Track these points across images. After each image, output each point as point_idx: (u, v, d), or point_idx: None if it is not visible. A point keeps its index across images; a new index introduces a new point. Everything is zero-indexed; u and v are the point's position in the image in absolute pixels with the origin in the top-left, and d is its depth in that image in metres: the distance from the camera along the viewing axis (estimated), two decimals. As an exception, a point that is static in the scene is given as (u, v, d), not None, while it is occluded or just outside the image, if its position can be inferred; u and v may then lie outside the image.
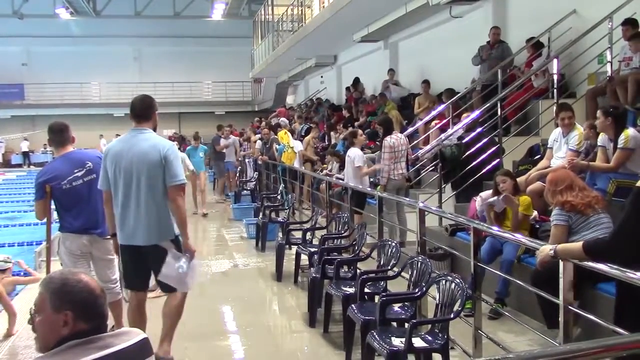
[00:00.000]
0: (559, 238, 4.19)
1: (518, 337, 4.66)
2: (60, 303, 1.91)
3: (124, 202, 4.21)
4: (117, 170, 4.20)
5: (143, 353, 2.03)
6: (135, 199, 4.18)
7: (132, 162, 4.17)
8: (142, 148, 4.20)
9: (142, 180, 4.17)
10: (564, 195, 4.34)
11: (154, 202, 4.19)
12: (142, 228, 4.19)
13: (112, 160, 4.24)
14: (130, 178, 4.18)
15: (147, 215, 4.18)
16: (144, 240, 4.21)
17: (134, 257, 4.29)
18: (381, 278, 4.95)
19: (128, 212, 4.20)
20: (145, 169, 4.17)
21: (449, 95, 9.66)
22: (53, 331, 1.91)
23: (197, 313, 6.00)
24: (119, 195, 4.22)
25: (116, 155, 4.24)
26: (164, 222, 4.24)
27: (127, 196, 4.20)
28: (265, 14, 21.59)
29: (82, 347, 1.88)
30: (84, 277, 1.98)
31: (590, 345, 1.95)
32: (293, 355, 5.06)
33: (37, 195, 4.59)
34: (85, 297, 1.93)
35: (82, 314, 1.92)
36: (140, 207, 4.18)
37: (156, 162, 4.17)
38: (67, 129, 4.69)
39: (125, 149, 4.23)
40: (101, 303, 1.97)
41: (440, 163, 7.64)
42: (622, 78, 6.77)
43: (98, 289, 1.98)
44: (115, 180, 4.22)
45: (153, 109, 4.37)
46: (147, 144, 4.21)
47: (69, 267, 4.51)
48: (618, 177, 5.17)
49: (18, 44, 31.10)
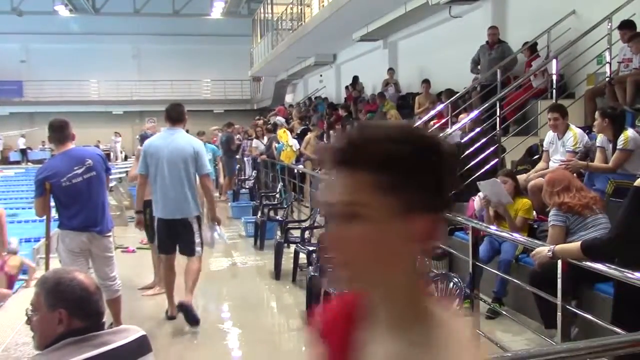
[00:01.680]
0: (556, 239, 4.19)
1: (516, 337, 4.67)
2: (54, 302, 1.93)
3: (165, 185, 5.20)
4: (159, 161, 5.21)
5: (141, 350, 2.03)
6: (174, 183, 5.20)
7: (172, 155, 5.21)
8: (179, 144, 5.27)
9: (180, 169, 5.22)
10: (561, 196, 4.35)
11: (189, 186, 5.26)
12: (179, 205, 5.24)
13: (153, 152, 5.25)
14: (170, 167, 5.19)
15: (183, 196, 5.24)
16: (180, 214, 5.26)
17: (168, 228, 5.31)
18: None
19: (168, 193, 5.21)
20: (182, 161, 5.22)
21: (448, 95, 9.66)
22: (49, 329, 1.93)
23: (195, 311, 6.00)
24: (159, 180, 5.22)
25: (157, 148, 5.26)
26: (193, 202, 5.31)
27: (168, 181, 5.19)
28: (265, 13, 21.58)
29: (79, 345, 1.89)
30: (78, 275, 1.99)
31: (587, 345, 1.96)
32: (291, 354, 5.07)
33: (37, 192, 4.59)
34: (80, 295, 1.94)
35: (77, 312, 1.93)
36: (177, 190, 5.21)
37: (190, 155, 5.25)
38: (67, 126, 4.69)
39: (165, 144, 5.26)
40: (96, 300, 1.98)
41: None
42: (621, 79, 6.78)
43: (93, 286, 1.99)
44: (157, 168, 5.22)
45: (184, 114, 5.46)
46: (182, 141, 5.31)
47: (68, 264, 4.51)
48: (617, 178, 5.17)
49: (17, 40, 31.03)
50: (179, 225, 5.29)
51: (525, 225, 5.39)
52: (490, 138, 7.59)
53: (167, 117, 5.40)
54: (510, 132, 7.97)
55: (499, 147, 7.50)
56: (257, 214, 9.86)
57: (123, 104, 31.95)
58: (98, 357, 1.89)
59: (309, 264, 6.24)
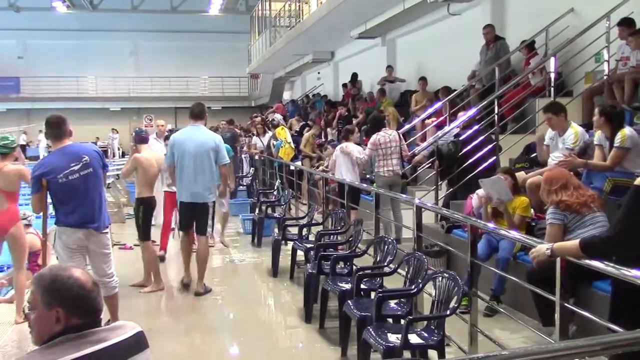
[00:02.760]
0: (554, 237, 4.19)
1: (514, 334, 4.68)
2: (51, 300, 1.91)
3: (190, 173, 6.13)
4: (185, 153, 6.12)
5: (138, 346, 2.02)
6: (197, 172, 6.13)
7: (197, 147, 6.13)
8: (202, 138, 6.24)
9: (204, 160, 6.16)
10: (559, 194, 4.35)
11: (210, 175, 6.24)
12: (201, 191, 6.19)
13: (179, 145, 6.18)
14: (195, 158, 6.12)
15: (205, 184, 6.21)
16: (202, 199, 6.24)
17: (190, 211, 6.29)
18: (377, 274, 4.96)
19: (195, 180, 6.14)
20: (205, 152, 6.16)
21: (446, 92, 9.66)
22: (46, 327, 1.91)
23: (192, 308, 6.01)
24: (185, 169, 6.12)
25: (183, 142, 6.20)
26: (212, 188, 6.33)
27: (192, 170, 6.12)
28: (263, 10, 21.53)
29: (76, 342, 1.88)
30: (74, 272, 1.96)
31: (585, 343, 1.96)
32: (288, 351, 5.08)
33: (34, 188, 4.57)
34: (76, 293, 1.92)
35: (74, 310, 1.91)
36: (200, 178, 6.15)
37: (212, 148, 6.23)
38: (64, 122, 4.67)
39: (189, 138, 6.21)
40: (94, 297, 1.96)
41: (437, 160, 7.65)
42: (619, 77, 6.78)
43: (90, 283, 1.96)
44: (183, 159, 6.13)
45: (205, 112, 6.47)
46: (204, 136, 6.30)
47: (65, 261, 4.50)
48: (614, 176, 5.17)
49: (14, 37, 30.95)
50: (200, 208, 6.28)
51: (523, 223, 5.40)
52: (488, 136, 7.60)
53: (190, 114, 6.42)
54: (508, 130, 7.97)
55: (497, 145, 7.50)
56: (255, 211, 9.85)
57: (120, 100, 31.89)
58: (95, 354, 1.87)
59: (306, 261, 6.24)
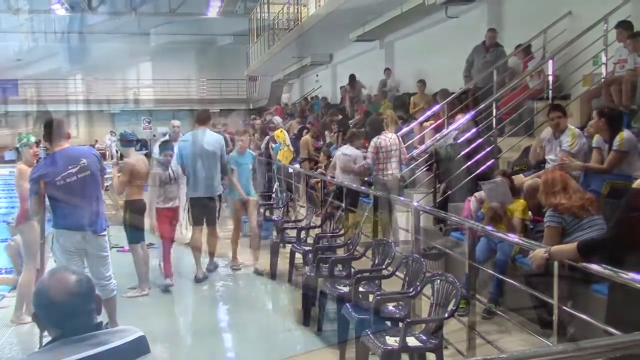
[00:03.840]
0: (552, 239, 4.20)
1: (512, 337, 4.67)
2: (34, 308, 1.97)
3: (198, 171, 6.92)
4: (194, 153, 6.93)
5: (139, 350, 2.01)
6: (205, 170, 6.93)
7: (204, 148, 6.96)
8: (208, 140, 7.06)
9: (211, 160, 6.98)
10: (557, 197, 4.36)
11: (216, 172, 7.07)
12: (209, 186, 6.99)
13: (188, 147, 6.98)
14: (203, 158, 6.93)
15: (212, 180, 7.02)
16: (210, 193, 7.03)
17: (200, 205, 7.05)
18: (375, 277, 4.96)
19: (203, 177, 6.93)
20: (212, 153, 7.00)
21: (444, 95, 9.66)
22: None
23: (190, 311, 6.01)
24: (195, 168, 6.91)
25: (191, 144, 7.00)
26: (218, 184, 7.18)
27: (200, 168, 6.90)
28: (261, 12, 21.53)
29: (75, 344, 1.87)
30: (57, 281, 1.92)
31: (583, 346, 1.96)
32: (287, 354, 5.07)
33: (32, 190, 4.57)
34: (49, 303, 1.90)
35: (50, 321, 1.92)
36: (208, 175, 6.95)
37: (218, 149, 7.07)
38: (62, 125, 4.67)
39: (197, 141, 7.02)
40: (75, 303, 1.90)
41: (435, 163, 7.65)
42: (617, 80, 6.79)
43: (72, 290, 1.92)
44: (193, 159, 6.93)
45: (210, 117, 7.54)
46: (210, 138, 7.12)
47: (63, 263, 4.50)
48: (612, 179, 5.18)
49: (13, 39, 30.92)
50: (208, 201, 7.05)
51: (521, 225, 5.40)
52: (486, 139, 7.60)
53: (197, 119, 7.29)
54: (506, 133, 7.98)
55: (495, 147, 7.51)
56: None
57: (119, 103, 31.87)
58: (94, 357, 1.87)
59: (304, 264, 6.24)
